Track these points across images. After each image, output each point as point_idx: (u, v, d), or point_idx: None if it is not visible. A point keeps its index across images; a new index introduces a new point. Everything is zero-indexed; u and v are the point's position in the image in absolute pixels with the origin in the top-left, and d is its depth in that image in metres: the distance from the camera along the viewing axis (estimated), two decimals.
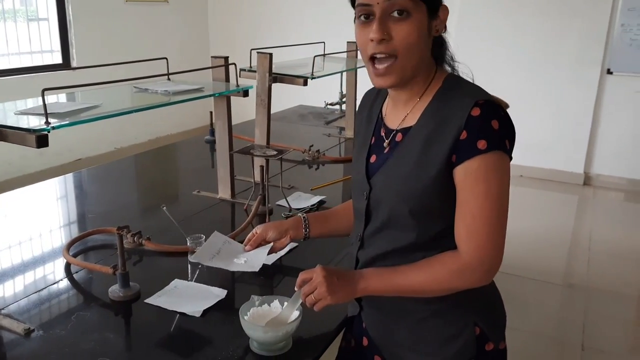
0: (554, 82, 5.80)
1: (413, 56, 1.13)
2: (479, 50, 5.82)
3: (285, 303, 1.34)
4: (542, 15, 5.68)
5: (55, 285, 1.64)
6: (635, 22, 5.40)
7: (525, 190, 5.59)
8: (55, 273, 1.72)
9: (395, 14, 1.10)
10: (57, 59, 5.82)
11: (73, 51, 5.86)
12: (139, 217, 2.33)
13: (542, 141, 5.88)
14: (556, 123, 5.88)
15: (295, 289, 1.26)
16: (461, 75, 1.25)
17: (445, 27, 1.19)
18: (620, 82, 5.61)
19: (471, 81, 1.22)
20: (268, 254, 1.45)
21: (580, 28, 5.58)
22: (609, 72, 5.62)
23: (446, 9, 1.15)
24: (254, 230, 1.45)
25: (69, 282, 1.66)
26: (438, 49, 1.22)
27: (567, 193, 5.78)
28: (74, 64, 5.86)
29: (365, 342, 1.37)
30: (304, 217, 1.45)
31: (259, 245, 1.43)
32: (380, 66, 1.14)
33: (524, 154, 5.79)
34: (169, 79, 2.23)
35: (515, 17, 5.79)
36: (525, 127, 5.63)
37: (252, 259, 1.43)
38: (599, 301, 3.62)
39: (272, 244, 1.44)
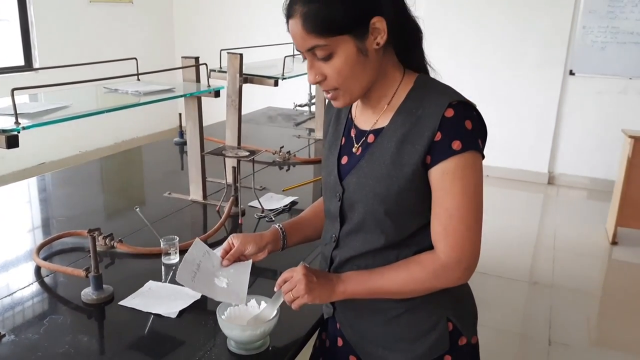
0: (518, 84, 5.91)
1: (355, 82, 1.15)
2: (443, 52, 5.90)
3: (263, 302, 1.34)
4: (506, 18, 5.79)
5: (25, 290, 1.60)
6: (596, 24, 5.54)
7: (491, 190, 5.67)
8: (25, 277, 1.69)
9: (320, 56, 1.12)
10: (19, 60, 5.69)
11: (35, 52, 5.73)
12: (107, 220, 2.30)
13: (507, 141, 5.98)
14: (521, 123, 6.00)
15: (275, 289, 1.25)
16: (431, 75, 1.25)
17: (401, 25, 1.15)
18: (582, 82, 5.75)
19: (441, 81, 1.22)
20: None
21: (543, 30, 5.70)
22: (571, 73, 5.75)
23: (380, 20, 1.10)
24: (230, 240, 1.37)
25: (39, 286, 1.63)
26: (406, 55, 1.21)
27: (532, 192, 5.90)
28: (36, 65, 5.73)
29: (340, 342, 1.38)
30: (281, 229, 1.41)
31: (236, 259, 1.37)
32: (328, 95, 1.18)
33: (490, 154, 5.79)
34: (138, 79, 2.20)
35: (479, 19, 5.88)
36: (491, 127, 5.59)
37: (234, 283, 1.34)
38: (564, 297, 3.70)
39: (251, 261, 1.38)
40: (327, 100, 1.28)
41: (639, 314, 3.55)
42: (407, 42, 1.19)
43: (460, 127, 1.10)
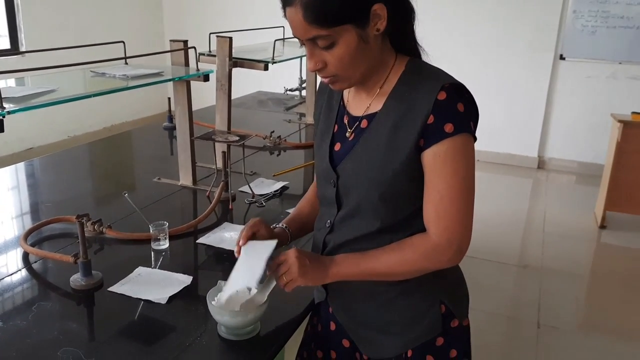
0: (508, 68, 5.91)
1: (355, 69, 1.14)
2: (433, 36, 5.85)
3: (253, 288, 1.33)
4: (496, 2, 5.77)
5: (13, 276, 1.59)
6: (586, 9, 5.53)
7: (482, 175, 5.66)
8: (12, 263, 1.67)
9: (321, 45, 1.11)
10: (5, 44, 5.60)
11: (22, 36, 5.65)
12: (96, 205, 2.28)
13: (497, 126, 5.98)
14: (511, 108, 6.00)
15: (267, 273, 1.25)
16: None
17: (399, 15, 1.15)
18: (573, 67, 5.76)
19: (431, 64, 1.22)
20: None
21: (534, 14, 5.69)
22: (562, 57, 5.75)
23: (381, 6, 1.09)
24: (257, 225, 1.31)
25: (27, 273, 1.62)
26: (399, 38, 1.20)
27: (522, 176, 5.92)
28: (22, 49, 5.65)
29: (332, 326, 1.38)
30: (288, 230, 1.39)
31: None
32: (326, 80, 1.18)
33: (480, 138, 5.83)
34: (126, 62, 2.17)
35: (470, 3, 5.85)
36: (481, 112, 5.65)
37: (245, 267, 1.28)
38: (553, 281, 3.73)
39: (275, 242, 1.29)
40: (317, 87, 1.27)
41: (626, 297, 3.59)
42: (401, 25, 1.18)
43: (453, 110, 1.10)
